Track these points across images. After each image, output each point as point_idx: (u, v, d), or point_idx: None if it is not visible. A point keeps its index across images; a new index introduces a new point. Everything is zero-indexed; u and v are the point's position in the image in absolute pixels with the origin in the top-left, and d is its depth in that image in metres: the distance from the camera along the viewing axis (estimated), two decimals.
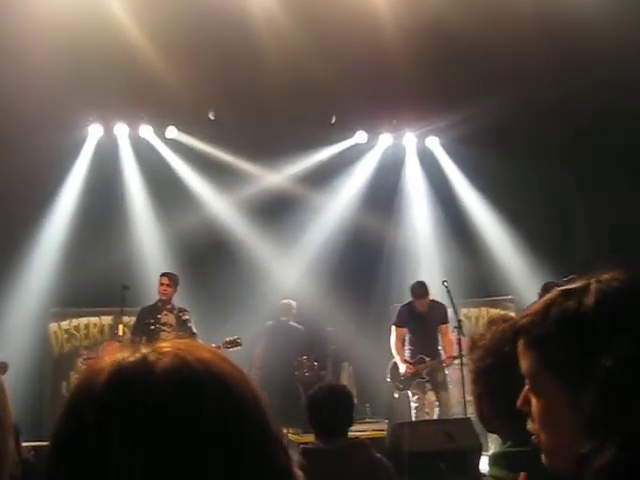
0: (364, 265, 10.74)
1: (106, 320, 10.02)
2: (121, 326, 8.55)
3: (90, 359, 9.52)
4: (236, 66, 9.02)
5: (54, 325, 9.94)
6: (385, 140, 11.43)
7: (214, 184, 10.70)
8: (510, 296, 10.77)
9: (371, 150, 11.47)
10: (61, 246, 9.99)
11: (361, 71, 9.37)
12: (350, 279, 10.42)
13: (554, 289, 1.23)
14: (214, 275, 9.94)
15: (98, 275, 9.12)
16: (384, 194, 11.28)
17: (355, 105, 10.24)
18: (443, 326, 8.82)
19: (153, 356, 0.91)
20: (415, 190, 11.63)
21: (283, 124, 10.27)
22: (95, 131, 10.43)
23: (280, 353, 9.53)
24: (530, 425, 1.21)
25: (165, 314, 8.36)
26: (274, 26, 8.61)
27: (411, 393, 8.70)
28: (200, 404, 0.87)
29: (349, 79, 9.38)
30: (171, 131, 10.57)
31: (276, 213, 10.55)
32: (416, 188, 11.63)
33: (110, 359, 0.92)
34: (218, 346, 7.54)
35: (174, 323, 8.30)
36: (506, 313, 9.57)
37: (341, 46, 8.79)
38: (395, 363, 8.84)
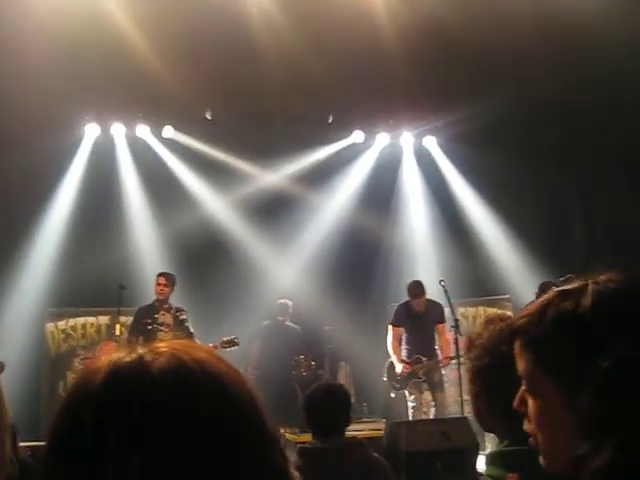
0: (361, 264, 10.75)
1: (103, 320, 10.01)
2: (118, 326, 8.54)
3: (87, 359, 9.51)
4: (233, 66, 9.01)
5: (51, 325, 9.93)
6: (382, 139, 11.43)
7: (211, 183, 10.70)
8: (507, 295, 10.78)
9: (368, 149, 11.47)
10: (58, 246, 9.97)
11: (358, 70, 9.36)
12: (347, 278, 10.43)
13: (551, 289, 1.23)
14: (211, 275, 9.93)
15: (95, 275, 9.10)
16: (381, 193, 11.28)
17: (352, 104, 10.25)
18: (440, 325, 8.81)
19: (149, 356, 0.91)
20: (412, 189, 11.63)
21: (280, 123, 10.27)
22: (92, 131, 10.41)
23: (276, 353, 9.53)
24: (527, 426, 1.21)
25: (162, 314, 8.35)
26: (271, 25, 8.60)
27: (408, 393, 8.69)
28: (196, 404, 0.87)
29: (346, 78, 9.38)
30: (168, 131, 10.57)
31: (273, 212, 10.54)
32: (413, 187, 11.64)
33: (107, 359, 0.92)
34: (215, 346, 7.54)
35: (171, 323, 8.29)
36: (503, 312, 9.57)
37: (338, 45, 8.78)
38: (391, 362, 8.83)
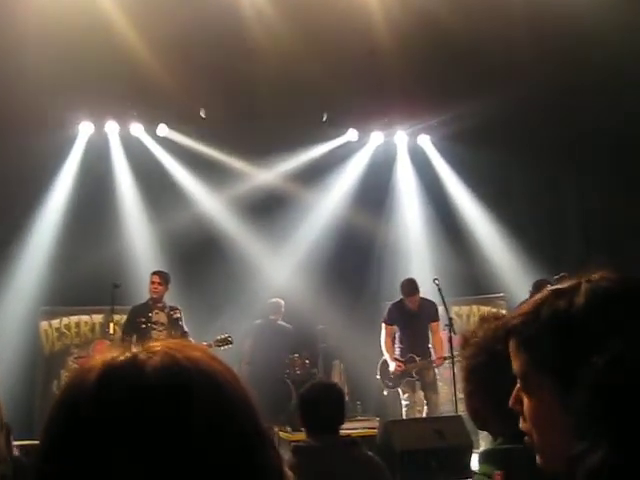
0: (355, 263, 10.76)
1: (97, 319, 9.98)
2: (112, 325, 8.52)
3: (81, 358, 9.51)
4: (227, 64, 9.01)
5: (45, 323, 9.90)
6: (376, 138, 11.42)
7: (205, 182, 10.68)
8: (501, 294, 10.79)
9: (362, 148, 11.47)
10: (52, 244, 9.95)
11: (352, 69, 9.37)
12: (341, 277, 10.43)
13: (545, 287, 1.23)
14: (205, 273, 9.92)
15: (89, 273, 9.09)
16: (375, 192, 11.28)
17: (346, 103, 10.24)
18: (434, 324, 8.81)
19: (143, 355, 0.91)
20: (406, 188, 11.63)
21: (274, 122, 10.25)
22: (86, 129, 10.38)
23: (268, 351, 9.55)
24: (522, 425, 1.22)
25: (156, 313, 8.34)
26: (266, 24, 8.60)
27: (401, 391, 8.71)
28: (190, 403, 0.87)
29: (340, 77, 9.38)
30: (162, 129, 10.55)
31: (267, 211, 10.53)
32: (407, 186, 11.64)
33: (100, 358, 0.92)
34: (209, 344, 7.55)
35: (165, 322, 8.28)
36: (497, 311, 9.61)
37: (332, 44, 8.78)
38: (385, 361, 8.84)
